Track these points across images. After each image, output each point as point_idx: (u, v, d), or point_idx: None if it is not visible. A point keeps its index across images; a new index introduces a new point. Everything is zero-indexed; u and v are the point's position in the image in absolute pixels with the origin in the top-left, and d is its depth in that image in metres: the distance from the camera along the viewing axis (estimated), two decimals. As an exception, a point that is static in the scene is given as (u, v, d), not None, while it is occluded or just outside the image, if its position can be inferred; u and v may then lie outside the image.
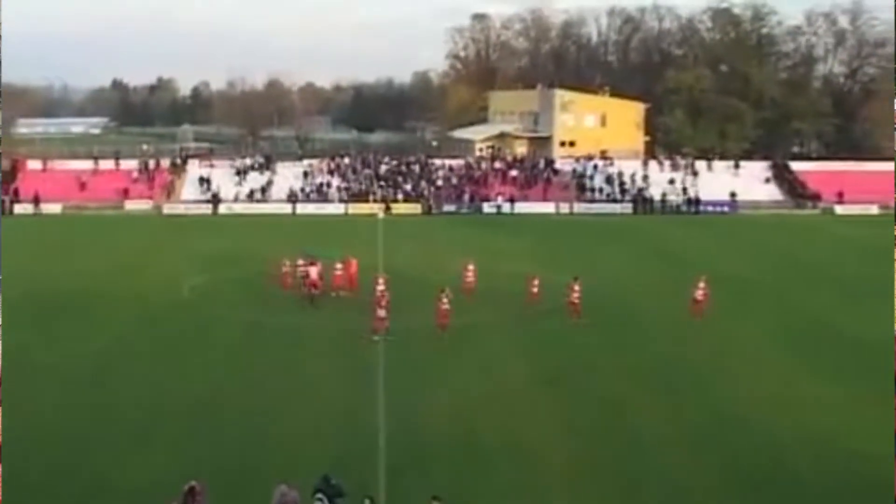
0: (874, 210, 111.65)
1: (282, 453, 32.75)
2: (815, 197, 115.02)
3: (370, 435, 34.72)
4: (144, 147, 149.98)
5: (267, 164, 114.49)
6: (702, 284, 53.32)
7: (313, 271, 56.92)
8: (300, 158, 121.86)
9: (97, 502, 29.50)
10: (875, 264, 73.33)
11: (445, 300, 49.20)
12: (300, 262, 59.23)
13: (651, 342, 49.17)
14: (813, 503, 30.24)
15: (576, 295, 52.66)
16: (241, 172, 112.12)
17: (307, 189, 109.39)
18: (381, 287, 52.53)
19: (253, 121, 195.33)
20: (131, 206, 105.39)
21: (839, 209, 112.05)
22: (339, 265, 58.76)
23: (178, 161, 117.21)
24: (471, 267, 59.01)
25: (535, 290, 55.65)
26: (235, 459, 32.05)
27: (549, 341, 49.03)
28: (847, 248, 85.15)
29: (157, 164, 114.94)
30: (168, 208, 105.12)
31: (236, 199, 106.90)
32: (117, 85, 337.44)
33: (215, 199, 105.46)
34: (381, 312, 48.21)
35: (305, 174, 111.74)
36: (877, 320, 51.62)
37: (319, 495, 26.24)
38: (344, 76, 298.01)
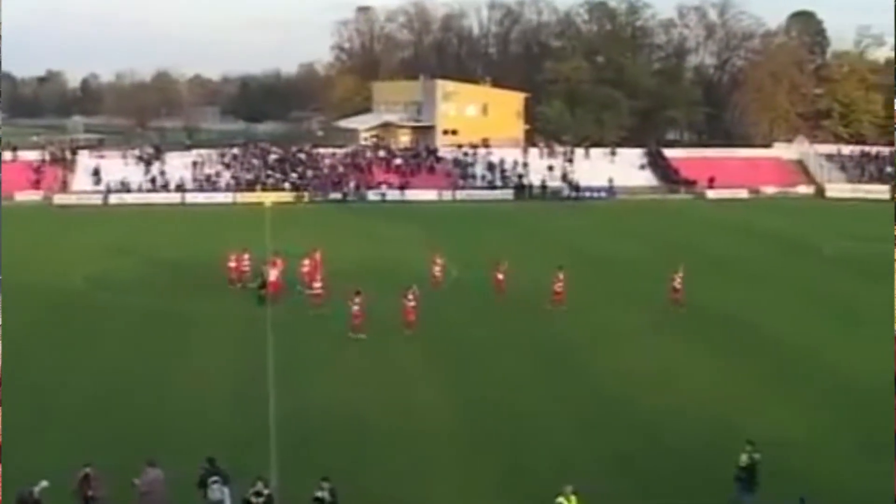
0: (744, 194, 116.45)
1: (175, 437, 33.32)
2: (688, 182, 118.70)
3: (262, 418, 35.46)
4: (34, 139, 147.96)
5: (156, 155, 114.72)
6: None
7: (273, 273, 54.60)
8: (189, 149, 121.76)
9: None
10: (745, 246, 77.34)
11: (412, 297, 47.86)
12: (246, 256, 58.54)
13: (536, 325, 50.37)
14: (687, 474, 31.38)
15: (560, 284, 53.20)
16: (131, 163, 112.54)
17: (196, 179, 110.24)
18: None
19: (142, 112, 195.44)
20: (22, 197, 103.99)
21: (711, 194, 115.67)
22: (305, 261, 57.10)
23: (69, 152, 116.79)
24: (439, 261, 58.26)
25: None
26: (130, 444, 31.75)
27: (440, 324, 49.43)
28: (719, 230, 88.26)
29: (49, 156, 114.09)
30: (59, 199, 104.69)
31: (127, 190, 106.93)
32: (5, 77, 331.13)
33: (107, 190, 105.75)
34: (356, 309, 46.62)
35: (194, 164, 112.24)
36: (747, 299, 54.74)
37: (216, 478, 26.75)
38: (232, 68, 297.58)
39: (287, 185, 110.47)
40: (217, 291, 57.17)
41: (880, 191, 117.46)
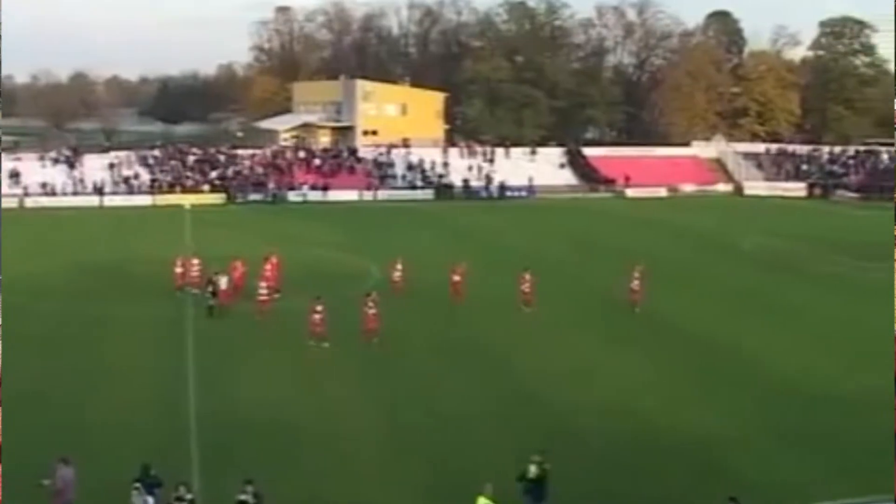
0: (663, 193, 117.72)
1: (95, 441, 32.65)
2: (608, 181, 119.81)
3: (182, 421, 35.06)
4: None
5: (74, 157, 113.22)
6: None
7: (223, 281, 52.18)
8: (107, 151, 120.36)
9: None
10: (665, 243, 78.06)
11: (372, 305, 46.27)
12: (195, 261, 56.58)
13: (456, 322, 50.27)
14: (604, 465, 31.65)
15: (527, 285, 52.79)
16: (48, 165, 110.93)
17: (114, 181, 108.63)
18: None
19: (58, 113, 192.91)
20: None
21: (630, 192, 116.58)
22: (267, 266, 54.99)
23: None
24: (399, 265, 56.56)
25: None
26: (49, 449, 29.98)
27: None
28: (638, 228, 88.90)
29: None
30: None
31: (53, 193, 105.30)
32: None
33: (24, 193, 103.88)
34: (317, 317, 45.20)
35: (112, 166, 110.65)
36: (669, 296, 54.96)
37: (137, 485, 26.14)
38: (150, 69, 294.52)
39: (207, 186, 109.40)
40: (136, 294, 56.43)
41: (797, 188, 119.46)
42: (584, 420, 35.96)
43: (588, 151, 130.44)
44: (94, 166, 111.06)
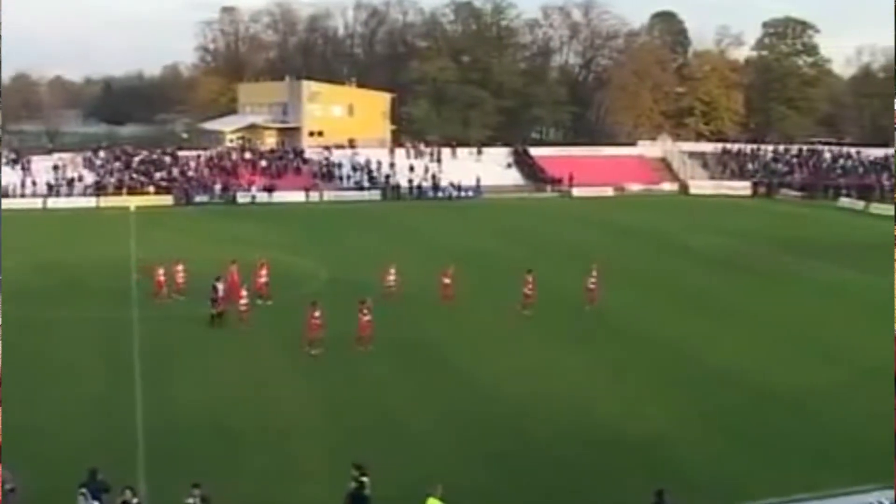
0: (609, 192, 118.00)
1: (39, 444, 32.37)
2: (554, 181, 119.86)
3: (129, 424, 34.75)
4: None
5: (16, 159, 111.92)
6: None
7: (221, 287, 50.18)
8: (50, 152, 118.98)
9: None
10: (611, 242, 78.64)
11: (366, 311, 45.16)
12: (180, 267, 55.03)
13: (404, 321, 49.71)
14: (554, 464, 31.65)
15: (529, 287, 52.43)
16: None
17: (58, 183, 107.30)
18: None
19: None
20: None
21: (576, 192, 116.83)
22: (262, 272, 54.32)
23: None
24: (392, 270, 55.43)
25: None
26: None
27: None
28: (585, 227, 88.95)
29: None
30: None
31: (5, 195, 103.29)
32: None
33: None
34: (315, 322, 44.21)
35: (56, 168, 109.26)
36: (615, 294, 54.88)
37: (83, 490, 25.92)
38: (94, 70, 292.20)
39: (152, 188, 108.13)
40: (81, 297, 55.85)
41: (741, 187, 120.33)
42: (534, 420, 35.92)
43: (534, 151, 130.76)
44: (38, 168, 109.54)
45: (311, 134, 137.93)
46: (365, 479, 26.75)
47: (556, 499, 29.66)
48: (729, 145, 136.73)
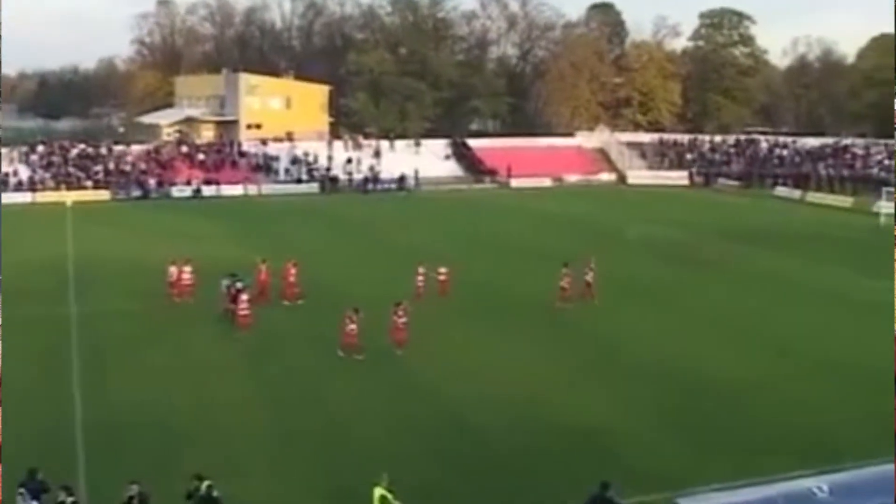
0: (548, 183, 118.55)
1: None
2: (493, 172, 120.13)
3: (67, 422, 34.45)
4: None
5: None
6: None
7: (240, 286, 49.01)
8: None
9: None
10: (549, 232, 78.80)
11: (402, 314, 44.07)
12: (188, 269, 53.16)
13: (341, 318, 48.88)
14: (499, 458, 31.71)
15: (567, 280, 52.48)
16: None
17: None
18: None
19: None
20: None
21: (515, 182, 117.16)
22: (292, 271, 53.15)
23: None
24: (421, 270, 54.10)
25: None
26: None
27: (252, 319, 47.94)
28: (523, 218, 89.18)
29: None
30: None
31: None
32: None
33: None
34: (352, 327, 42.97)
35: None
36: (553, 285, 54.13)
37: (21, 490, 25.83)
38: (28, 64, 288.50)
39: (89, 182, 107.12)
40: (16, 295, 53.20)
41: (679, 177, 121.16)
42: (478, 414, 35.88)
43: (473, 143, 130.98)
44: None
45: (249, 127, 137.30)
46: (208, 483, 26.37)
47: (502, 491, 29.54)
48: (666, 136, 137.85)
